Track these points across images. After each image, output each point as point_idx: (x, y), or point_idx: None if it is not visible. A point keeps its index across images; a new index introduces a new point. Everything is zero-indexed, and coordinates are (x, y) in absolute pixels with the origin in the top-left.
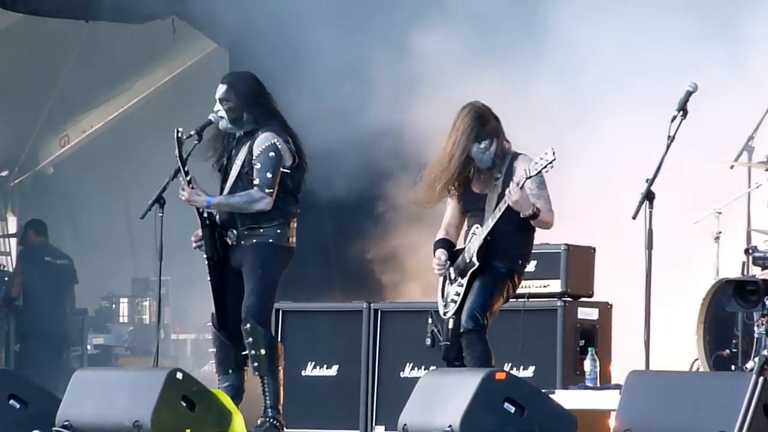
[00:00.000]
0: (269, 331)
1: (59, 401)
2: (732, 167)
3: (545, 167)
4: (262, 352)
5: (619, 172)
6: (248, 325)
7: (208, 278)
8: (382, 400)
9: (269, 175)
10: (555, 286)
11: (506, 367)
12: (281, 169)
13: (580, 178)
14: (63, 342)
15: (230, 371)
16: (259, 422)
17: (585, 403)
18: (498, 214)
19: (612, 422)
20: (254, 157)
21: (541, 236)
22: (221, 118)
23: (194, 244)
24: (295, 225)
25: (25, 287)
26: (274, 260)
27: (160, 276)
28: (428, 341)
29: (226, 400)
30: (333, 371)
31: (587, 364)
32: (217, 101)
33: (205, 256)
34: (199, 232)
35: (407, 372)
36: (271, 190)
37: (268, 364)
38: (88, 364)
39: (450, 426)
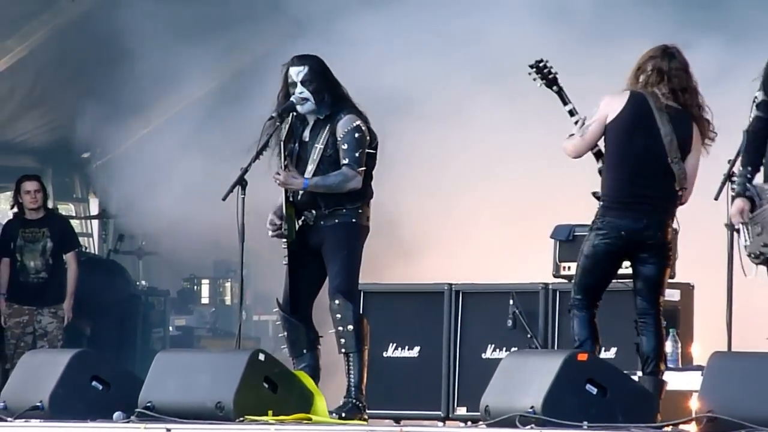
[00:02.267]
0: (358, 308)
1: (142, 383)
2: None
3: None
4: (350, 328)
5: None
6: (337, 301)
7: (285, 262)
8: (463, 381)
9: (358, 154)
10: None
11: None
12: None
13: None
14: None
15: (305, 351)
16: (342, 402)
17: (667, 385)
18: None
19: (694, 404)
20: (339, 138)
21: None
22: (305, 100)
23: (271, 233)
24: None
25: None
26: (357, 239)
27: (242, 257)
28: (509, 322)
29: (309, 382)
30: (414, 352)
31: (669, 345)
32: (298, 84)
33: (285, 240)
34: (275, 218)
35: (489, 353)
36: (362, 169)
37: (355, 341)
38: (170, 346)
39: (532, 407)
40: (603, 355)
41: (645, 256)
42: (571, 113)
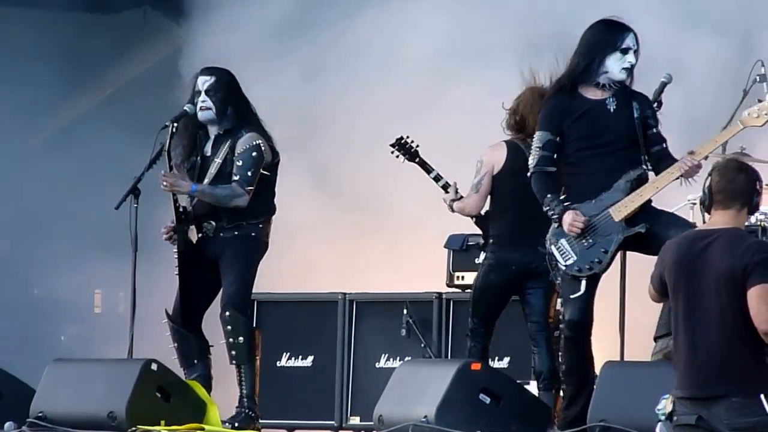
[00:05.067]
0: (249, 320)
1: (33, 392)
2: (706, 158)
3: None
4: (241, 340)
5: None
6: (228, 313)
7: (176, 272)
8: (357, 390)
9: (250, 173)
10: None
11: None
12: (261, 171)
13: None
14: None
15: (196, 362)
16: (234, 412)
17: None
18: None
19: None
20: (236, 155)
21: None
22: (207, 109)
23: (165, 236)
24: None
25: None
26: (255, 254)
27: (134, 267)
28: (403, 332)
29: (201, 391)
30: (308, 362)
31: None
32: (202, 93)
33: (175, 249)
34: (170, 224)
35: (382, 362)
36: (251, 188)
37: (246, 352)
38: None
39: (425, 416)
40: (496, 364)
41: (532, 285)
42: (437, 179)
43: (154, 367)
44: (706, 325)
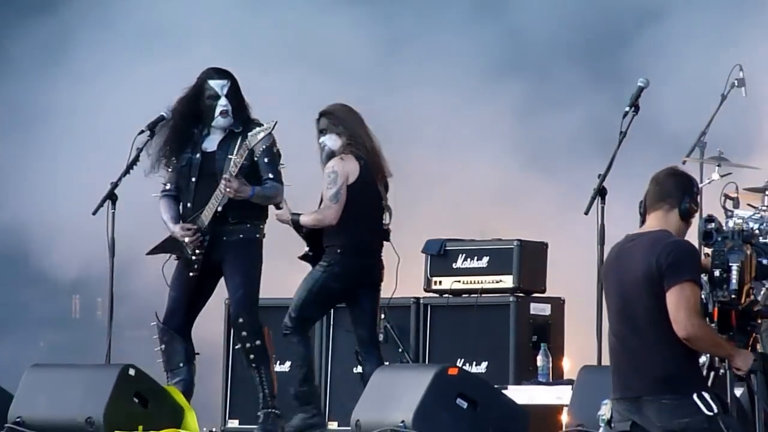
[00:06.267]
0: (260, 322)
1: (11, 397)
2: (684, 162)
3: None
4: (258, 343)
5: (573, 167)
6: (241, 319)
7: (170, 276)
8: (334, 395)
9: (279, 169)
10: (507, 281)
11: (459, 363)
12: None
13: (530, 172)
14: None
15: (181, 365)
16: (261, 414)
17: (538, 399)
18: None
19: (564, 417)
20: (259, 153)
21: (493, 232)
22: (227, 113)
23: (190, 235)
24: None
25: None
26: (258, 254)
27: (111, 272)
28: (381, 336)
29: (179, 397)
30: (285, 367)
31: (540, 360)
32: (222, 96)
33: (182, 255)
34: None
35: (359, 368)
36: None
37: (264, 354)
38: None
39: (403, 422)
40: (474, 369)
41: (366, 292)
42: None
43: (131, 372)
44: (633, 326)
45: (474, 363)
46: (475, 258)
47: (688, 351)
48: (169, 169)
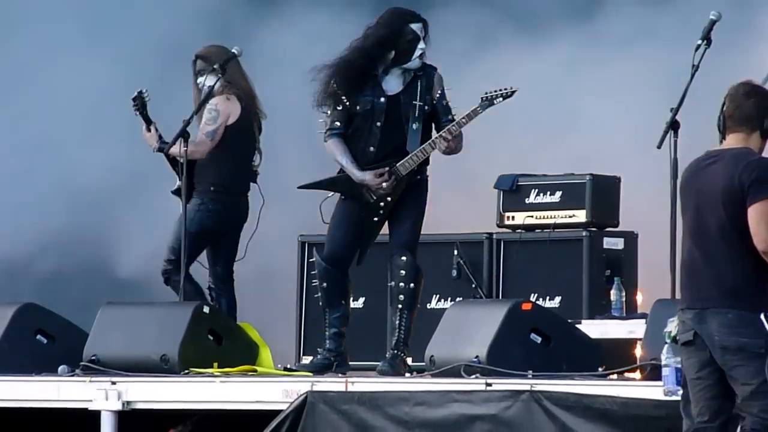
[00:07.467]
0: (420, 268)
1: (86, 336)
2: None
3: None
4: (412, 286)
5: (644, 100)
6: (404, 258)
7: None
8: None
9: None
10: (580, 216)
11: (532, 298)
12: None
13: (603, 107)
14: None
15: (343, 302)
16: (389, 354)
17: (611, 333)
18: None
19: (638, 351)
20: (438, 96)
21: (566, 166)
22: (424, 56)
23: (387, 183)
24: None
25: None
26: (425, 200)
27: (185, 212)
28: (454, 272)
29: (254, 334)
30: (359, 303)
31: (613, 294)
32: (421, 39)
33: (358, 197)
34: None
35: (434, 303)
36: None
37: (413, 300)
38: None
39: (477, 357)
40: (547, 304)
41: (229, 230)
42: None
43: (206, 309)
44: (707, 239)
45: (547, 298)
46: (548, 193)
47: (761, 269)
48: (339, 108)
